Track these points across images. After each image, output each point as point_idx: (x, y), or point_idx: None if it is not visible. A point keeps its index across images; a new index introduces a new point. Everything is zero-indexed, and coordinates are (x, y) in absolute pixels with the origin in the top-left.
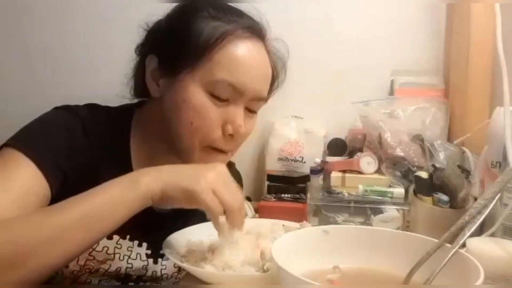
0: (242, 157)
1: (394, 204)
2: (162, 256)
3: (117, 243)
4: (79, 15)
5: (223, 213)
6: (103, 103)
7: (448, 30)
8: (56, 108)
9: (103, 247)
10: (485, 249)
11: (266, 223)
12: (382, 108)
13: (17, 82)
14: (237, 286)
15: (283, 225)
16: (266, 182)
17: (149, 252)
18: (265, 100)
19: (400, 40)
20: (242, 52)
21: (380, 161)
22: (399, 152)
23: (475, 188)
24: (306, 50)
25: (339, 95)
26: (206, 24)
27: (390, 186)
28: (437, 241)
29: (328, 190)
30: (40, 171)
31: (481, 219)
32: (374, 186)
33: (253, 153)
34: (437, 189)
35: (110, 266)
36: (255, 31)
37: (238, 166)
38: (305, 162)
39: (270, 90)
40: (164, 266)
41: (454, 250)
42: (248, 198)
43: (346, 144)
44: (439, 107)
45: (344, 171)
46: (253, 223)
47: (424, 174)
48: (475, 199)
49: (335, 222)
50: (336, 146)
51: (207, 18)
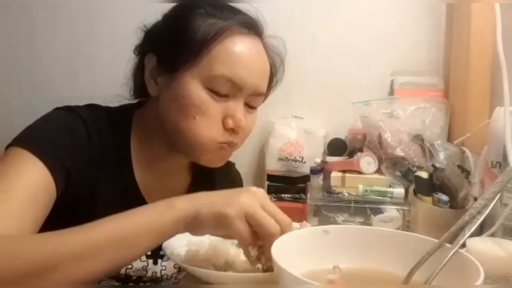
0: (242, 157)
1: (394, 204)
2: (162, 257)
3: None
4: (79, 15)
5: (253, 243)
6: (103, 104)
7: (448, 30)
8: (57, 108)
9: None
10: (485, 249)
11: None
12: (382, 108)
13: (17, 82)
14: (237, 286)
15: None
16: (266, 182)
17: (148, 253)
18: (264, 95)
19: (400, 40)
20: (240, 47)
21: (380, 161)
22: (399, 152)
23: (475, 188)
24: (306, 50)
25: (339, 95)
26: (203, 21)
27: (390, 186)
28: (437, 241)
29: (328, 190)
30: (47, 170)
31: (481, 219)
32: (374, 186)
33: (253, 153)
34: (437, 189)
35: None
36: (252, 27)
37: (238, 166)
38: (305, 162)
39: (269, 86)
40: (163, 267)
41: (454, 250)
42: None
43: (346, 144)
44: (439, 107)
45: (344, 171)
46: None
47: (424, 174)
48: (475, 199)
49: (335, 222)
50: (336, 146)
51: (204, 15)
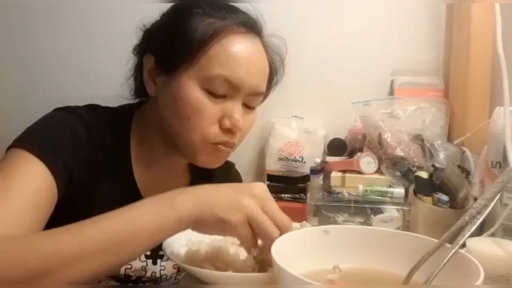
0: (242, 157)
1: (394, 204)
2: (161, 257)
3: None
4: (79, 15)
5: (256, 244)
6: (103, 104)
7: (448, 30)
8: (57, 109)
9: None
10: (485, 249)
11: None
12: (382, 108)
13: (17, 83)
14: (237, 286)
15: None
16: (266, 182)
17: (148, 253)
18: (263, 95)
19: (400, 40)
20: (237, 47)
21: (380, 161)
22: (399, 152)
23: (475, 188)
24: (306, 50)
25: (339, 95)
26: (201, 21)
27: (390, 186)
28: (437, 241)
29: (328, 190)
30: (49, 171)
31: (481, 219)
32: (374, 186)
33: (253, 153)
34: (437, 189)
35: None
36: (250, 27)
37: (238, 166)
38: (305, 162)
39: (269, 86)
40: (163, 267)
41: (454, 250)
42: None
43: (346, 144)
44: (439, 107)
45: (344, 171)
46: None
47: (424, 174)
48: (475, 199)
49: (335, 222)
50: (336, 146)
51: (202, 15)
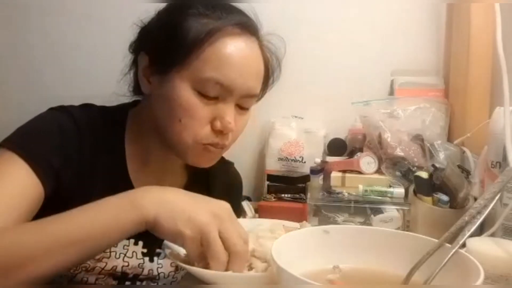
0: (242, 157)
1: (394, 204)
2: (158, 254)
3: None
4: (73, 15)
5: (201, 261)
6: (99, 103)
7: (448, 30)
8: (51, 108)
9: None
10: (485, 249)
11: (266, 223)
12: (382, 108)
13: (16, 82)
14: (237, 286)
15: (283, 225)
16: (266, 182)
17: (145, 250)
18: (257, 97)
19: (400, 40)
20: (231, 49)
21: (380, 161)
22: (399, 152)
23: (475, 188)
24: (306, 50)
25: (339, 95)
26: (195, 21)
27: (390, 186)
28: (437, 241)
29: (328, 190)
30: (34, 173)
31: (481, 219)
32: (374, 186)
33: (253, 153)
34: (437, 189)
35: (106, 264)
36: (246, 27)
37: (238, 166)
38: (305, 162)
39: (265, 86)
40: (160, 265)
41: (454, 250)
42: (248, 198)
43: (346, 144)
44: (439, 107)
45: (344, 171)
46: (253, 223)
47: (424, 174)
48: (475, 199)
49: (335, 222)
50: (336, 146)
51: (196, 15)
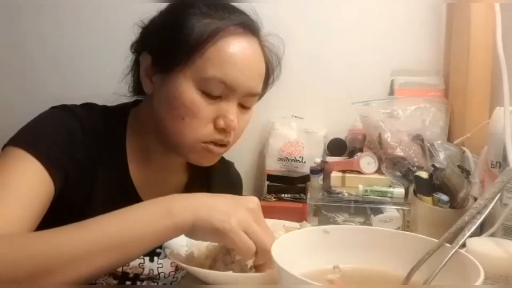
0: (242, 157)
1: (394, 204)
2: (158, 254)
3: None
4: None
5: (253, 254)
6: (100, 103)
7: (448, 30)
8: (53, 107)
9: None
10: (485, 249)
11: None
12: (382, 108)
13: (16, 83)
14: (237, 286)
15: (283, 225)
16: (266, 182)
17: None
18: (258, 95)
19: (400, 40)
20: (234, 48)
21: (380, 161)
22: (399, 152)
23: (475, 188)
24: (306, 50)
25: (339, 95)
26: (198, 21)
27: (390, 186)
28: (437, 241)
29: (328, 190)
30: (44, 168)
31: (481, 219)
32: (374, 186)
33: (253, 153)
34: (437, 189)
35: None
36: (248, 27)
37: (238, 166)
38: (305, 162)
39: (266, 85)
40: (160, 265)
41: (454, 250)
42: None
43: (346, 144)
44: (439, 107)
45: (344, 171)
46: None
47: (424, 174)
48: (475, 199)
49: (335, 222)
50: (336, 146)
51: (199, 15)
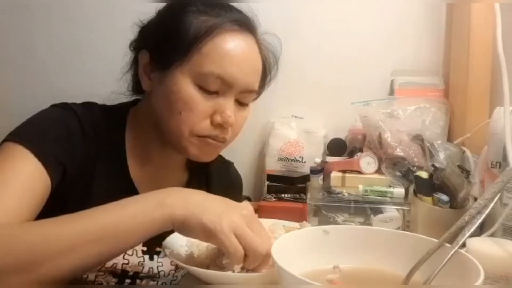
0: (242, 157)
1: (394, 204)
2: (158, 253)
3: None
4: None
5: (242, 259)
6: (101, 102)
7: (448, 30)
8: (53, 105)
9: None
10: (485, 249)
11: (266, 223)
12: (382, 108)
13: (14, 81)
14: (237, 286)
15: (283, 225)
16: (266, 182)
17: (145, 248)
18: (255, 92)
19: (400, 40)
20: (230, 44)
21: (380, 161)
22: (399, 152)
23: (475, 188)
24: (306, 49)
25: (339, 95)
26: (195, 18)
27: (390, 186)
28: (437, 241)
29: (328, 190)
30: (42, 165)
31: (481, 219)
32: (374, 186)
33: (253, 153)
34: (437, 189)
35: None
36: (244, 25)
37: (238, 166)
38: (305, 162)
39: (263, 84)
40: (160, 263)
41: (454, 250)
42: (248, 198)
43: (346, 144)
44: (439, 107)
45: (344, 171)
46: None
47: (424, 174)
48: (475, 199)
49: (335, 222)
50: (336, 146)
51: (196, 13)
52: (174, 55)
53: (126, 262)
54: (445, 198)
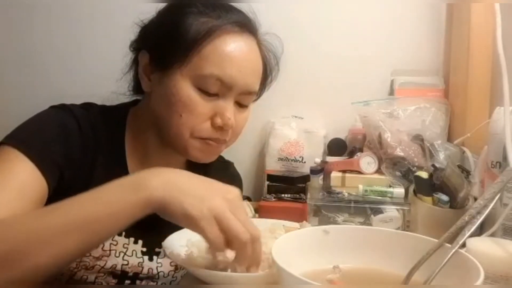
0: (242, 157)
1: (394, 204)
2: (158, 253)
3: (112, 240)
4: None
5: (225, 246)
6: (99, 102)
7: (448, 30)
8: (51, 106)
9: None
10: (485, 249)
11: (266, 223)
12: (382, 108)
13: (14, 81)
14: (237, 286)
15: (283, 225)
16: (266, 182)
17: (144, 249)
18: (255, 94)
19: (400, 40)
20: (230, 46)
21: (380, 161)
22: (399, 152)
23: (475, 188)
24: (306, 50)
25: (339, 95)
26: (195, 19)
27: (390, 186)
28: (437, 241)
29: (328, 190)
30: (37, 168)
31: (481, 219)
32: (374, 186)
33: (253, 153)
34: (437, 189)
35: (106, 262)
36: (245, 26)
37: (238, 166)
38: (305, 162)
39: (264, 85)
40: (159, 264)
41: (454, 250)
42: (248, 198)
43: (346, 144)
44: (439, 107)
45: (344, 171)
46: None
47: (424, 174)
48: (475, 199)
49: (335, 222)
50: (336, 146)
51: (196, 14)
52: (174, 57)
53: (125, 263)
54: (445, 198)
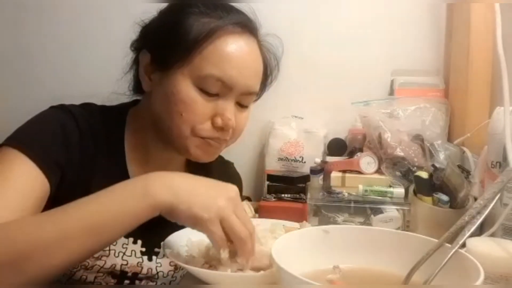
0: (242, 157)
1: (394, 204)
2: (157, 254)
3: None
4: (72, 14)
5: (226, 245)
6: (99, 103)
7: (448, 30)
8: (51, 107)
9: None
10: (485, 249)
11: (266, 223)
12: (382, 108)
13: (15, 82)
14: (236, 286)
15: (283, 225)
16: (266, 182)
17: (143, 249)
18: (256, 94)
19: (400, 40)
20: (231, 47)
21: (380, 161)
22: (399, 152)
23: (475, 188)
24: (306, 50)
25: (339, 95)
26: (196, 20)
27: (390, 186)
28: (437, 241)
29: (328, 190)
30: (39, 169)
31: (481, 219)
32: (374, 186)
33: (253, 153)
34: (437, 189)
35: (105, 262)
36: (246, 27)
37: (238, 166)
38: (305, 162)
39: (264, 85)
40: (159, 264)
41: (454, 250)
42: (248, 198)
43: (346, 144)
44: (439, 107)
45: (344, 171)
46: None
47: (424, 174)
48: (475, 199)
49: (335, 222)
50: (336, 146)
51: (197, 14)
52: (175, 57)
53: (125, 263)
54: (445, 198)
